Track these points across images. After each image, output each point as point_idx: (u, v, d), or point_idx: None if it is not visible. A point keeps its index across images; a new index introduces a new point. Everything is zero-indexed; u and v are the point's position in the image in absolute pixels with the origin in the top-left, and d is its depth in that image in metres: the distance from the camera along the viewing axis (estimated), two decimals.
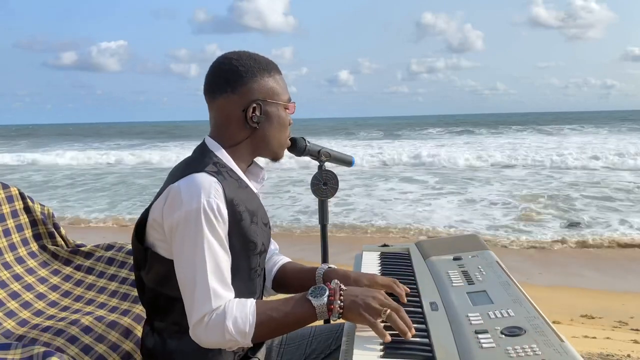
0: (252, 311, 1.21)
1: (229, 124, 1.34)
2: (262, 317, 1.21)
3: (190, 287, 1.21)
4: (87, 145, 31.91)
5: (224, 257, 1.24)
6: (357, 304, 1.19)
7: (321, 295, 1.21)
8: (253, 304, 1.22)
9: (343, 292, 1.22)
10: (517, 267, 5.71)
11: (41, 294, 1.72)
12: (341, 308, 1.19)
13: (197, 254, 1.20)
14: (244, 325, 1.19)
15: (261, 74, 1.33)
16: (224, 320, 1.19)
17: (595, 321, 4.31)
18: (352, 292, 1.23)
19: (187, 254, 1.22)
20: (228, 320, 1.19)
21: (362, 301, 1.19)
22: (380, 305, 1.19)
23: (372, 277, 1.40)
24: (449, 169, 15.51)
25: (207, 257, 1.20)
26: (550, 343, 1.02)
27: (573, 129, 34.35)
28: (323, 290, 1.22)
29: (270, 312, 1.22)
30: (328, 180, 1.88)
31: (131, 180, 14.86)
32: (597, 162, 15.29)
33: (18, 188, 1.83)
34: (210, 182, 1.22)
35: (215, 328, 1.19)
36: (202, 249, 1.20)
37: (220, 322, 1.19)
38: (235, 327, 1.19)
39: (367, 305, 1.18)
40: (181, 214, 1.20)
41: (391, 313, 1.17)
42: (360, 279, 1.40)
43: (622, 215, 8.43)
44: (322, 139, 29.05)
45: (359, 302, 1.19)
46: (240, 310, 1.20)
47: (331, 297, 1.20)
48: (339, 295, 1.21)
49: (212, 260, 1.21)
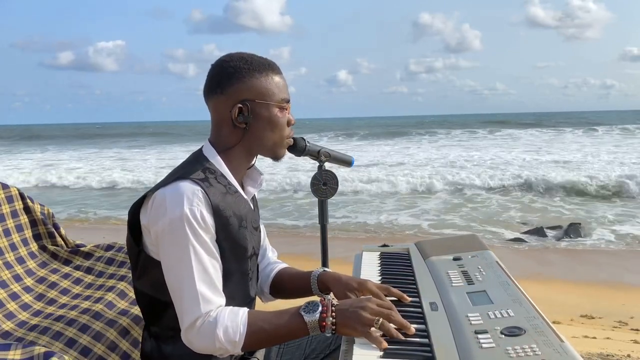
0: (244, 321, 1.21)
1: (222, 126, 1.35)
2: (253, 327, 1.21)
3: (179, 293, 1.22)
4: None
5: (212, 263, 1.24)
6: (349, 318, 1.18)
7: (314, 312, 1.20)
8: (245, 314, 1.23)
9: (335, 308, 1.20)
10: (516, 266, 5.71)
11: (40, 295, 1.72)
12: (333, 325, 1.19)
13: (184, 260, 1.21)
14: (234, 334, 1.20)
15: (250, 74, 1.32)
16: (214, 328, 1.20)
17: (595, 321, 4.31)
18: (343, 306, 1.21)
19: (174, 261, 1.23)
20: (219, 328, 1.19)
21: (352, 314, 1.18)
22: (372, 314, 1.17)
23: (362, 282, 1.39)
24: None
25: (193, 262, 1.21)
26: (550, 343, 1.02)
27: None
28: (316, 307, 1.21)
29: (261, 323, 1.22)
30: (328, 180, 1.88)
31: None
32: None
33: (18, 188, 1.83)
34: (193, 190, 1.23)
35: (205, 335, 1.20)
36: (188, 255, 1.21)
37: (211, 329, 1.20)
38: (225, 335, 1.20)
39: (359, 317, 1.17)
40: (165, 221, 1.22)
41: (383, 322, 1.16)
42: (350, 282, 1.40)
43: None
44: (323, 140, 28.91)
45: (350, 316, 1.18)
46: (232, 320, 1.21)
47: (324, 314, 1.19)
48: (331, 312, 1.20)
49: (198, 266, 1.22)
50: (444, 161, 16.46)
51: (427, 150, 21.37)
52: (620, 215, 8.54)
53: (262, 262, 1.60)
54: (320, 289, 1.49)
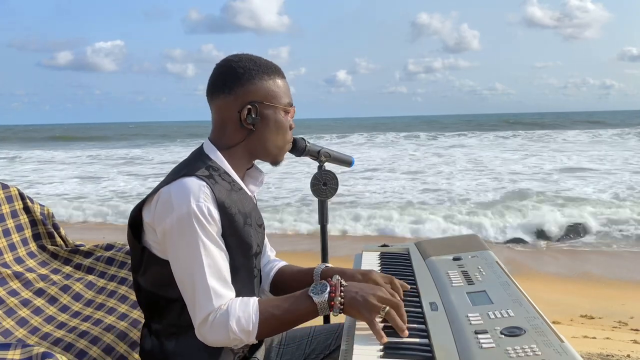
0: (255, 310, 1.22)
1: (226, 126, 1.35)
2: (265, 314, 1.22)
3: (191, 289, 1.22)
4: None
5: (221, 257, 1.25)
6: (357, 300, 1.20)
7: (322, 292, 1.22)
8: (255, 303, 1.24)
9: (344, 288, 1.23)
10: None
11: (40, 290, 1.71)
12: (342, 304, 1.21)
13: (193, 256, 1.21)
14: (247, 324, 1.21)
15: (259, 76, 1.33)
16: (227, 320, 1.20)
17: (595, 321, 4.31)
18: (353, 288, 1.23)
19: (184, 257, 1.23)
20: (231, 320, 1.20)
21: (362, 297, 1.20)
22: (380, 302, 1.19)
23: (367, 272, 1.40)
24: None
25: (203, 257, 1.21)
26: (550, 343, 1.02)
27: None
28: (324, 287, 1.23)
29: (272, 309, 1.23)
30: (328, 180, 1.88)
31: None
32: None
33: (17, 188, 1.83)
34: (199, 186, 1.23)
35: (219, 328, 1.21)
36: (197, 250, 1.21)
37: (224, 322, 1.20)
38: (239, 326, 1.20)
39: (366, 302, 1.19)
40: (173, 218, 1.22)
41: (390, 310, 1.18)
42: (355, 274, 1.41)
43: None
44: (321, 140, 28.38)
45: (359, 299, 1.20)
46: (243, 310, 1.22)
47: (332, 294, 1.21)
48: (340, 292, 1.22)
49: (209, 260, 1.22)
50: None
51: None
52: (620, 214, 8.53)
53: (262, 261, 1.59)
54: None
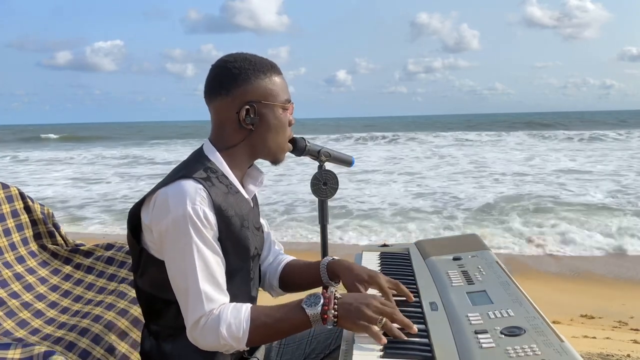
0: (247, 317, 1.21)
1: (225, 127, 1.34)
2: (257, 322, 1.21)
3: (183, 291, 1.23)
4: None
5: (215, 261, 1.24)
6: (351, 312, 1.18)
7: (315, 304, 1.20)
8: (248, 310, 1.23)
9: (337, 301, 1.21)
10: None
11: (41, 295, 1.72)
12: (335, 317, 1.19)
13: (187, 259, 1.21)
14: (237, 331, 1.20)
15: (255, 75, 1.32)
16: (218, 325, 1.20)
17: (595, 321, 4.31)
18: (347, 300, 1.21)
19: (178, 260, 1.23)
20: (222, 325, 1.20)
21: (355, 310, 1.18)
22: (375, 312, 1.18)
23: (374, 275, 1.39)
24: None
25: (196, 261, 1.21)
26: (550, 343, 1.02)
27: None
28: (318, 299, 1.21)
29: (264, 318, 1.22)
30: (328, 180, 1.88)
31: None
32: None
33: (18, 188, 1.83)
34: (195, 189, 1.23)
35: (209, 332, 1.20)
36: (191, 254, 1.21)
37: (214, 327, 1.20)
38: (229, 332, 1.20)
39: (361, 314, 1.17)
40: (168, 220, 1.22)
41: (386, 322, 1.16)
42: (361, 273, 1.40)
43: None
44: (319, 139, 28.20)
45: (353, 311, 1.18)
46: (235, 316, 1.21)
47: (325, 307, 1.19)
48: (334, 304, 1.20)
49: (202, 264, 1.22)
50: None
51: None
52: (620, 216, 8.53)
53: (269, 257, 1.59)
54: (330, 277, 1.48)
